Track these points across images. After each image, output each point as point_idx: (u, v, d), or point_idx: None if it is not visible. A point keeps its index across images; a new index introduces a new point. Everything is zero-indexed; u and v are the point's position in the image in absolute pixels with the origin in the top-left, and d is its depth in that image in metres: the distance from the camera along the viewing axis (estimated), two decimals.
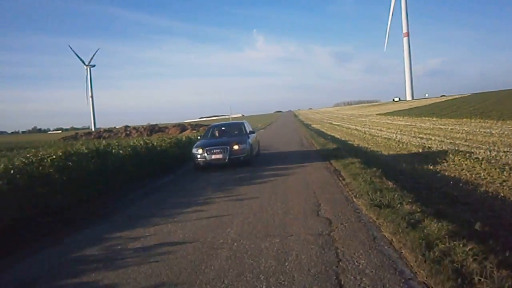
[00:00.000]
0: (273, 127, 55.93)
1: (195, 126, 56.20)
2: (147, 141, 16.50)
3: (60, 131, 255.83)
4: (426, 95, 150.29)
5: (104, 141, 17.22)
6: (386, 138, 24.51)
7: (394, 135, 25.57)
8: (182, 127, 55.25)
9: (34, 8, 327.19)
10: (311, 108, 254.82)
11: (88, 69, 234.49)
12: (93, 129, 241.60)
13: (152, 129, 56.81)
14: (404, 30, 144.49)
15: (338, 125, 46.33)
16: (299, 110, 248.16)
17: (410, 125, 34.01)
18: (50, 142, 39.68)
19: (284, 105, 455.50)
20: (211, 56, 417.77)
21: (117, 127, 72.67)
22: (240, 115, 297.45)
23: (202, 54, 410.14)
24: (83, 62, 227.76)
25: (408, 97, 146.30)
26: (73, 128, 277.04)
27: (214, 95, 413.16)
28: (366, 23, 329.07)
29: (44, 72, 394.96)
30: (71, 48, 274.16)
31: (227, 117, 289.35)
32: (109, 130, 68.52)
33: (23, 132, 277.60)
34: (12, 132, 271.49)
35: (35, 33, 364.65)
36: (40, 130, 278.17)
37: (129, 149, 13.01)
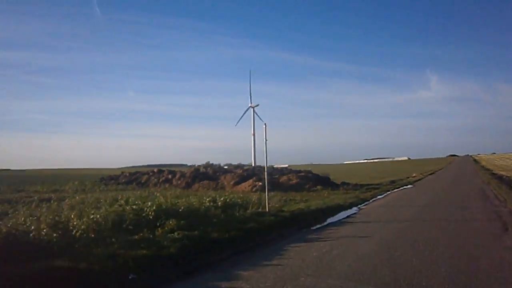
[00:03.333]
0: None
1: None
2: None
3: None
4: None
5: None
6: None
7: None
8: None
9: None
10: (494, 153, 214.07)
11: (253, 109, 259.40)
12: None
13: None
14: None
15: None
16: (479, 154, 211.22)
17: None
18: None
19: (460, 149, 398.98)
20: (378, 97, 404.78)
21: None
22: (406, 158, 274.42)
23: (368, 95, 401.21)
24: (250, 101, 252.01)
25: None
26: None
27: (380, 137, 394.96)
28: None
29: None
30: (249, 80, 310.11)
31: (390, 160, 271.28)
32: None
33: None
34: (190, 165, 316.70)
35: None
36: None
37: None
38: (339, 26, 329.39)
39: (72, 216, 8.71)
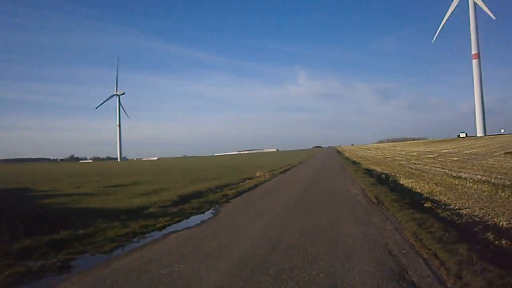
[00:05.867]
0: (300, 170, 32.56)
1: None
2: None
3: (90, 161, 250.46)
4: (502, 130, 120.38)
5: None
6: None
7: None
8: None
9: (77, 42, 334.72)
10: (353, 145, 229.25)
11: (118, 97, 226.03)
12: (118, 159, 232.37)
13: None
14: (474, 51, 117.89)
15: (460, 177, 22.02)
16: (340, 146, 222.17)
17: None
18: None
19: (325, 141, 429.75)
20: (251, 91, 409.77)
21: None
22: (274, 149, 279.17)
23: (242, 89, 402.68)
24: (116, 89, 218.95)
25: (479, 133, 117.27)
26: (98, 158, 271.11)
27: (252, 129, 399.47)
28: (409, 60, 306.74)
29: (81, 101, 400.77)
30: (117, 65, 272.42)
31: (260, 151, 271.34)
32: None
33: (61, 159, 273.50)
34: (52, 159, 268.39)
35: (81, 65, 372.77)
36: (77, 159, 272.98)
37: None
38: (217, 19, 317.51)
39: None
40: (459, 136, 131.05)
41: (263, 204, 13.15)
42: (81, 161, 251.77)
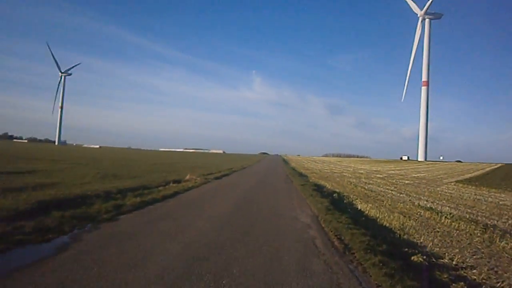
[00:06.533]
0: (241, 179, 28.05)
1: None
2: None
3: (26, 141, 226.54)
4: (441, 157, 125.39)
5: None
6: None
7: None
8: None
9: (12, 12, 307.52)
10: (299, 155, 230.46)
11: (63, 77, 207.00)
12: (56, 143, 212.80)
13: None
14: (424, 79, 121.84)
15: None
16: (286, 155, 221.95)
17: None
18: None
19: (272, 148, 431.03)
20: (206, 90, 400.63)
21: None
22: (221, 151, 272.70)
23: (198, 87, 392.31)
24: (59, 68, 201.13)
25: (420, 157, 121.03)
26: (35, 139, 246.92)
27: (202, 129, 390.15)
28: (361, 81, 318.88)
29: (21, 77, 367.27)
30: (49, 48, 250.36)
31: (207, 151, 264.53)
32: None
33: None
34: None
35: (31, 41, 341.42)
36: (11, 137, 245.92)
37: None
38: (181, 15, 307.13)
39: None
40: (401, 158, 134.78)
41: (161, 235, 8.16)
42: (15, 140, 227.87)
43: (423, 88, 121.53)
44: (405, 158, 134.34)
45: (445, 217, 13.67)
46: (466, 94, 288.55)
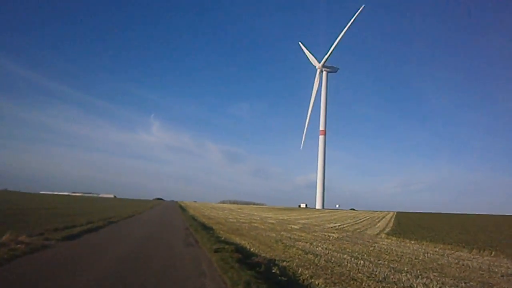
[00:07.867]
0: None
1: None
2: None
3: None
4: (337, 205, 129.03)
5: None
6: None
7: None
8: None
9: None
10: (195, 201, 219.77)
11: None
12: None
13: None
14: (321, 128, 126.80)
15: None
16: (183, 201, 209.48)
17: None
18: None
19: (168, 194, 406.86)
20: (99, 130, 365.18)
21: None
22: (112, 195, 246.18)
23: (91, 126, 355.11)
24: None
25: (318, 205, 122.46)
26: None
27: (93, 171, 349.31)
28: (258, 130, 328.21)
29: None
30: None
31: (95, 195, 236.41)
32: None
33: None
34: None
35: None
36: None
37: None
38: (77, 52, 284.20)
39: None
40: (299, 206, 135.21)
41: None
42: None
43: (321, 137, 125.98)
44: (303, 205, 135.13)
45: None
46: (355, 145, 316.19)
